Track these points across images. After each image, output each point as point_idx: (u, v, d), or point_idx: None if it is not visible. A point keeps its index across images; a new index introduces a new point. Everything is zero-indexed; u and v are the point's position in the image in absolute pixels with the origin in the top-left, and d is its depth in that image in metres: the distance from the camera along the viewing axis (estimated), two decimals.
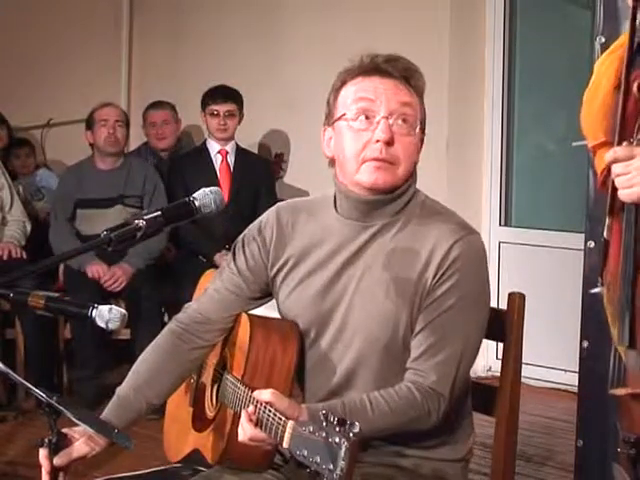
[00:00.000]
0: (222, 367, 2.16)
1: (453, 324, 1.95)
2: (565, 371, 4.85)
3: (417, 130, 2.00)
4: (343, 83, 2.03)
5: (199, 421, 2.19)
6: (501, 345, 2.17)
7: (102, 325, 2.09)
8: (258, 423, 1.79)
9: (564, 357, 4.71)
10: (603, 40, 2.84)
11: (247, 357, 2.01)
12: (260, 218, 2.18)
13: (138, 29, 6.47)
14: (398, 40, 5.20)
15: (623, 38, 1.94)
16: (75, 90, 5.95)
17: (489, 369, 5.20)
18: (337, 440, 1.55)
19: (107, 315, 2.05)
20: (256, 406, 1.81)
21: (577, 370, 3.00)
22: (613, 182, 1.76)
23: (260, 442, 1.81)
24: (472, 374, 2.11)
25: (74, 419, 1.92)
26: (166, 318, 4.96)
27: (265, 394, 1.80)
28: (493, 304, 2.05)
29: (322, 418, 1.58)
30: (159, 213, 1.89)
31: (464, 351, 1.96)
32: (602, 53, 2.82)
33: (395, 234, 2.01)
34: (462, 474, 2.12)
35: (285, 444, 1.68)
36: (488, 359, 5.21)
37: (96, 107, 5.06)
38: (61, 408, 1.94)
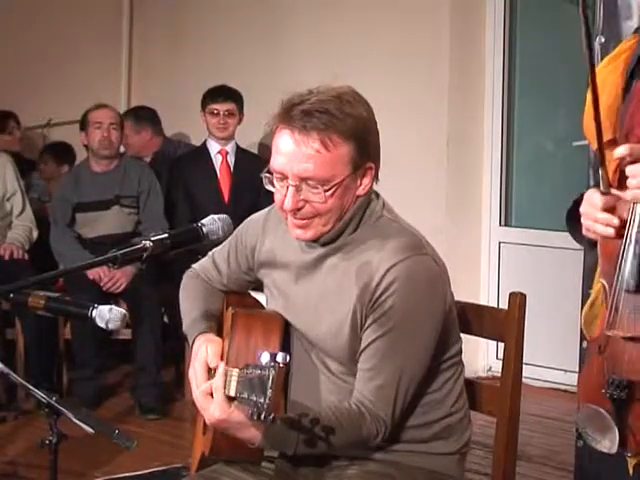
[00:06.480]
0: None
1: (388, 349, 1.96)
2: (565, 371, 4.84)
3: (332, 184, 1.95)
4: (275, 129, 2.01)
5: (205, 425, 2.20)
6: (501, 345, 2.17)
7: (102, 325, 2.09)
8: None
9: (564, 357, 4.71)
10: (603, 40, 2.84)
11: (229, 346, 2.03)
12: (250, 217, 2.24)
13: (138, 29, 6.47)
14: (398, 40, 5.21)
15: (627, 43, 1.94)
16: (75, 90, 5.94)
17: (489, 369, 5.19)
18: (266, 372, 1.63)
19: (107, 315, 2.05)
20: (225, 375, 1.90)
21: (577, 370, 3.00)
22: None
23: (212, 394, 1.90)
24: (472, 374, 2.11)
25: (74, 419, 1.92)
26: (166, 318, 4.96)
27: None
28: (493, 304, 2.05)
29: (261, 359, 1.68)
30: (166, 236, 1.92)
31: (402, 375, 1.97)
32: (602, 53, 2.83)
33: (344, 256, 2.02)
34: (458, 467, 2.12)
35: (232, 392, 1.79)
36: (488, 359, 5.20)
37: (90, 109, 5.00)
38: (61, 408, 1.94)
